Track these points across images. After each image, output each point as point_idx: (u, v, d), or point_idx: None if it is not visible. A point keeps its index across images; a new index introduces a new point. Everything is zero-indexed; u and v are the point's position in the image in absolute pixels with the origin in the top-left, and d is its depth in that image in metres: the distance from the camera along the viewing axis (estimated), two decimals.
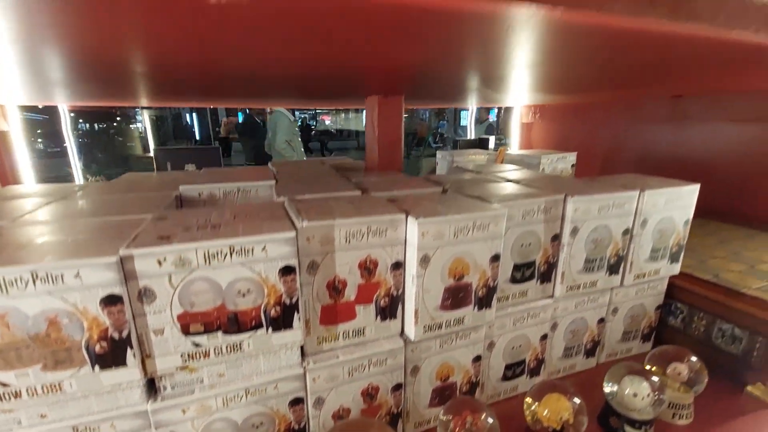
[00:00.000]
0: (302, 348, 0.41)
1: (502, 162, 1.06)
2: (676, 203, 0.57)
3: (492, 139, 1.79)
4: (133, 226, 0.38)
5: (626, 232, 0.55)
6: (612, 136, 1.23)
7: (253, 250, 0.35)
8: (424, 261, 0.41)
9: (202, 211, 0.43)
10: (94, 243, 0.33)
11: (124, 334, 0.32)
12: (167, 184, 0.60)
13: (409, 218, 0.41)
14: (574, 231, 0.51)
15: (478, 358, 0.50)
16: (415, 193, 0.54)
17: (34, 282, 0.29)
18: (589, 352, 0.61)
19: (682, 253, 0.61)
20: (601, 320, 0.60)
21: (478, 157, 1.05)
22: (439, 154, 1.11)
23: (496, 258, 0.45)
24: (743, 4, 0.24)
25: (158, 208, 0.47)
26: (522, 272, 0.51)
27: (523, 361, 0.55)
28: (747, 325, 0.56)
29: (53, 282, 0.30)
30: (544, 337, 0.55)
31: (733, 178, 0.98)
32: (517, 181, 0.61)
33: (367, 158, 0.82)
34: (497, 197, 0.49)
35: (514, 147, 1.46)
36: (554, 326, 0.56)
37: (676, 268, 0.61)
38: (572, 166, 1.04)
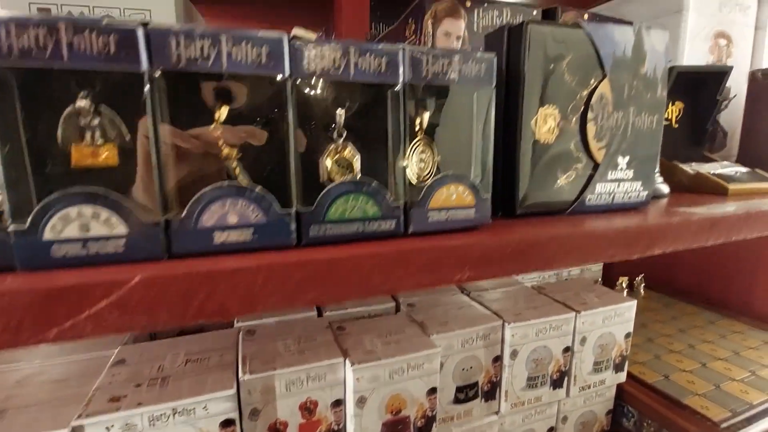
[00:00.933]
0: None
1: None
2: (615, 320, 0.60)
3: None
4: (95, 371, 0.42)
5: (566, 350, 0.58)
6: None
7: (195, 409, 0.38)
8: (361, 401, 0.45)
9: (161, 348, 0.47)
10: (51, 410, 0.37)
11: None
12: None
13: (346, 362, 0.44)
14: (514, 353, 0.55)
15: None
16: (368, 311, 0.58)
17: None
18: None
19: (626, 363, 0.64)
20: (551, 429, 0.62)
21: None
22: None
23: (433, 390, 0.48)
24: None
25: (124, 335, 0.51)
26: (465, 393, 0.54)
27: None
28: None
29: None
30: None
31: (699, 260, 1.02)
32: (468, 292, 0.65)
33: None
34: (439, 323, 0.53)
35: None
36: None
37: (622, 377, 0.64)
38: None
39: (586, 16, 0.60)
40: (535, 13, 0.57)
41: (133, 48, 0.20)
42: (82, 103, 0.19)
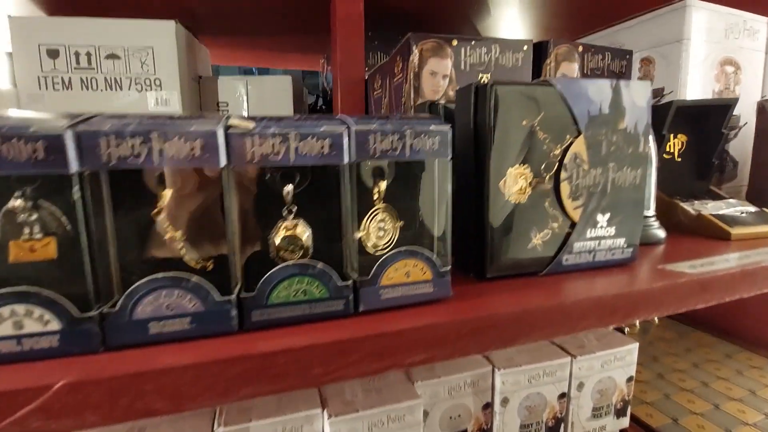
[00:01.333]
0: None
1: None
2: (615, 364, 0.57)
3: None
4: None
5: (562, 395, 0.55)
6: None
7: None
8: None
9: None
10: None
11: None
12: None
13: (324, 414, 0.43)
14: (505, 401, 0.53)
15: None
16: None
17: None
18: None
19: (629, 408, 0.60)
20: None
21: None
22: None
23: None
24: None
25: None
26: None
27: None
28: None
29: None
30: None
31: None
32: None
33: None
34: (426, 368, 0.51)
35: None
36: None
37: (625, 422, 0.61)
38: None
39: (580, 48, 0.58)
40: (525, 48, 0.56)
41: (62, 152, 0.20)
42: (16, 202, 0.20)
